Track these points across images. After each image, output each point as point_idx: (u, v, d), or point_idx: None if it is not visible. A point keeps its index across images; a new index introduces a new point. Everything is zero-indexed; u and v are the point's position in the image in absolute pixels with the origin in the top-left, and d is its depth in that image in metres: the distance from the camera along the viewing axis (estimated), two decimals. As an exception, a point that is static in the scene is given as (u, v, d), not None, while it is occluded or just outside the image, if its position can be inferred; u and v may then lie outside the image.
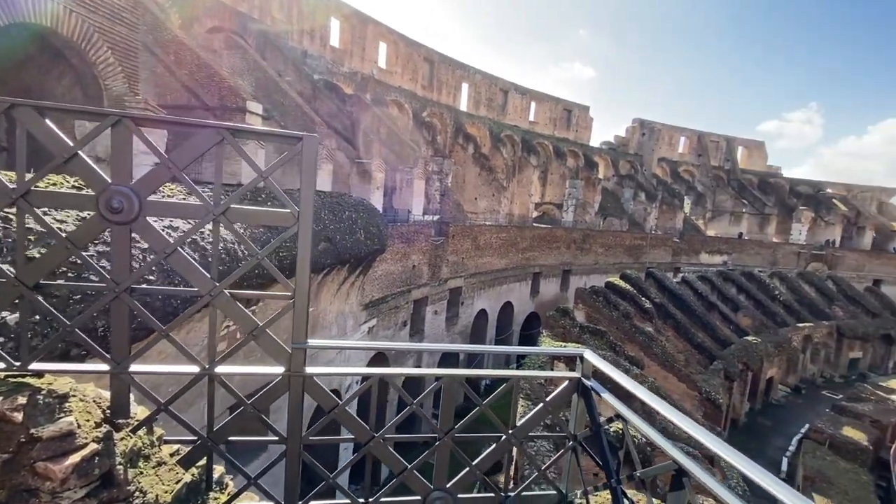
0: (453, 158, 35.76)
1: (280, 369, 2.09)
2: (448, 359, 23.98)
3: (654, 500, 1.94)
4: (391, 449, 2.29)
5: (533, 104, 47.99)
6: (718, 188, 52.98)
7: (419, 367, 21.52)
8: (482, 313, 27.96)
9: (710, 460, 15.14)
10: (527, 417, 2.47)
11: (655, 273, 32.35)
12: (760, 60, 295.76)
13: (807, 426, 24.64)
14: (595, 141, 52.22)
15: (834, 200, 55.17)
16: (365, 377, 2.45)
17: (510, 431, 2.43)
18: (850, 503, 16.59)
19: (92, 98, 11.09)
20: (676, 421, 1.64)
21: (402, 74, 36.58)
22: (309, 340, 2.06)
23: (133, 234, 1.88)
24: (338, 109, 25.46)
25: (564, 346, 16.79)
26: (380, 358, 18.95)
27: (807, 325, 34.75)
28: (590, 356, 2.45)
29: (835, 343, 35.83)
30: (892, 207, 57.19)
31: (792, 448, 24.07)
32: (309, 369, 2.10)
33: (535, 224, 37.85)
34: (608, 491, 2.18)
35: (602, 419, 2.39)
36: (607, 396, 2.18)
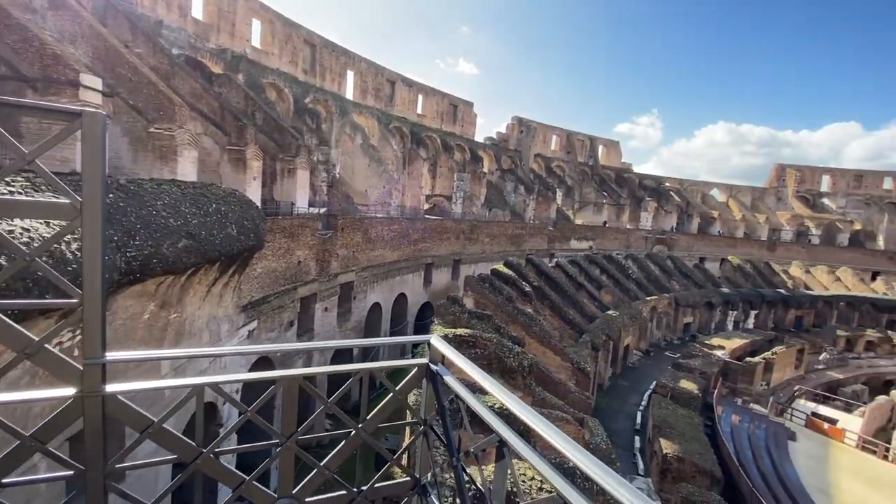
0: (341, 148, 34.57)
1: (71, 391, 1.74)
2: (343, 355, 23.29)
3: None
4: (225, 464, 2.08)
5: (420, 97, 48.46)
6: (584, 182, 59.60)
7: (309, 366, 20.52)
8: (376, 307, 27.69)
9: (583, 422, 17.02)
10: (377, 409, 2.45)
11: (534, 259, 35.30)
12: (617, 68, 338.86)
13: (654, 383, 29.15)
14: (479, 136, 54.81)
15: (671, 193, 65.94)
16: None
17: (359, 425, 2.40)
18: (686, 442, 20.03)
19: None
20: (502, 398, 1.73)
21: (280, 56, 34.03)
22: (108, 354, 1.75)
23: None
24: (203, 89, 22.73)
25: (454, 331, 17.41)
26: (267, 362, 17.65)
27: (653, 297, 41.15)
28: (436, 342, 2.49)
29: (673, 311, 43.06)
30: (710, 198, 70.32)
31: (644, 402, 28.35)
32: (110, 387, 1.79)
33: (426, 216, 38.50)
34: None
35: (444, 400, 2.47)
36: (449, 379, 2.25)
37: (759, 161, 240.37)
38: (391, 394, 2.43)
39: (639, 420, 25.98)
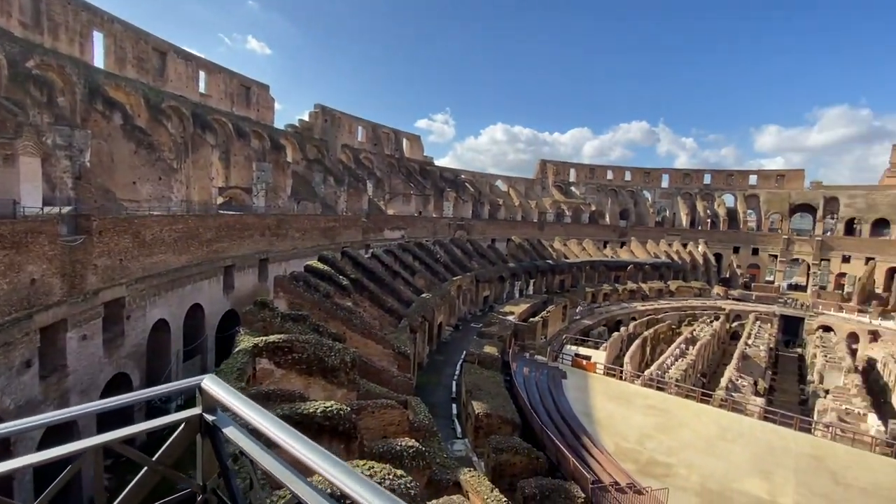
0: (91, 130, 27.14)
1: None
2: (113, 412, 18.60)
3: None
4: None
5: (202, 74, 41.88)
6: (392, 173, 61.87)
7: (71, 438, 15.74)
8: (161, 324, 23.03)
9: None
10: (126, 491, 1.83)
11: (349, 251, 35.00)
12: (412, 66, 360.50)
13: (464, 352, 32.69)
14: (279, 123, 50.88)
15: (466, 184, 74.27)
16: None
17: None
18: (492, 399, 23.10)
19: None
20: (292, 446, 1.42)
21: (-30, -3, 24.46)
22: None
23: None
24: None
25: (266, 338, 15.85)
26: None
27: (458, 277, 45.92)
28: (211, 385, 1.93)
29: (474, 287, 48.98)
30: (496, 188, 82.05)
31: (457, 372, 31.53)
32: None
33: (221, 211, 33.75)
34: None
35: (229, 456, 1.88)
36: (231, 430, 1.78)
37: (527, 157, 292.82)
38: (145, 468, 1.84)
39: (454, 389, 28.82)
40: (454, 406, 26.25)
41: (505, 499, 12.56)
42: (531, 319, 41.11)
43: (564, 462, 18.35)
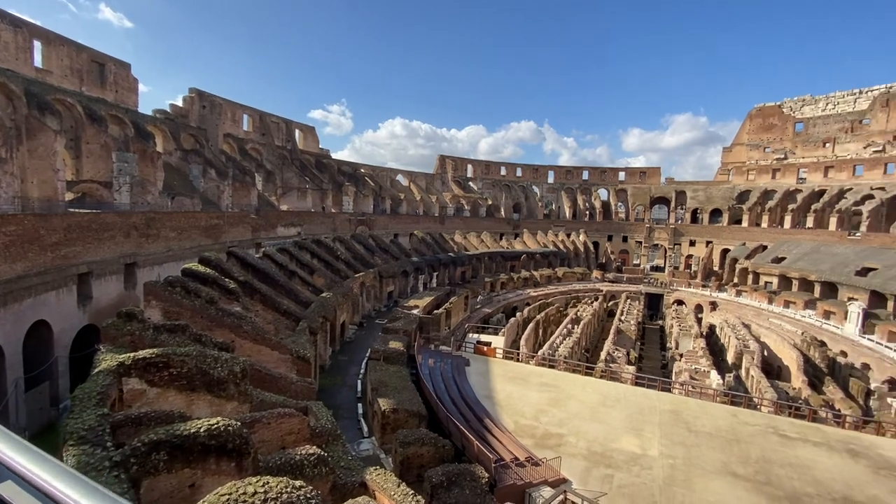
0: None
1: None
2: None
3: None
4: None
5: (38, 44, 34.87)
6: (285, 166, 58.06)
7: None
8: (-10, 348, 18.80)
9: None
10: None
11: (237, 252, 32.07)
12: (304, 53, 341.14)
13: (369, 350, 32.15)
14: (146, 108, 44.48)
15: (366, 178, 72.77)
16: None
17: None
18: (399, 393, 23.04)
19: None
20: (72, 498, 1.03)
21: None
22: None
23: None
24: None
25: (134, 355, 13.78)
26: None
27: (360, 274, 44.91)
28: None
29: (378, 283, 48.39)
30: (397, 183, 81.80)
31: (363, 371, 30.92)
32: None
33: (71, 209, 28.52)
34: None
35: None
36: (6, 487, 1.20)
37: (427, 152, 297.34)
38: None
39: (359, 388, 28.19)
40: (360, 405, 25.72)
41: (412, 491, 12.66)
42: (435, 312, 41.89)
43: (469, 446, 19.09)
